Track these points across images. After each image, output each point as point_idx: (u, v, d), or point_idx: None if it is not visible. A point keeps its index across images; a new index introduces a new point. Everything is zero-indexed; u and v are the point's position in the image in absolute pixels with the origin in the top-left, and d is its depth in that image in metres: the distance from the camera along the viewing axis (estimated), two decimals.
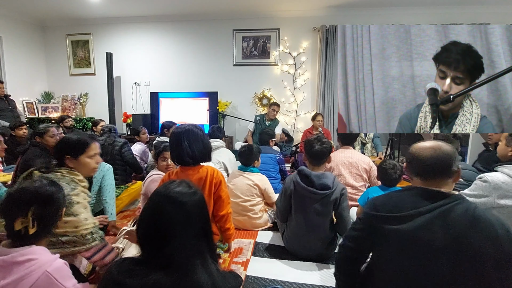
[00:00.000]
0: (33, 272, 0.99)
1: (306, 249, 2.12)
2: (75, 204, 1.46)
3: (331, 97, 5.17)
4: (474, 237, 1.00)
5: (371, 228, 1.18)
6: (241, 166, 2.78)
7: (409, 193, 1.16)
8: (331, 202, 1.99)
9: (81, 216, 1.46)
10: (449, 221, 1.03)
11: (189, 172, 1.84)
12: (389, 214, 1.13)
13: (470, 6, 4.71)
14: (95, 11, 5.30)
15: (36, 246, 1.07)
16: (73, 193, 1.48)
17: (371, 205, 1.21)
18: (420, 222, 1.06)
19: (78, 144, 1.62)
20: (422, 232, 1.05)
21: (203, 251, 0.93)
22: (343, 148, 2.97)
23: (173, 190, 0.96)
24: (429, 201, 1.09)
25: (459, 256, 1.00)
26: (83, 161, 1.62)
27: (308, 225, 2.06)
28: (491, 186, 1.74)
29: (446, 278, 1.02)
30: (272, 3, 4.90)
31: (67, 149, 1.60)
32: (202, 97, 5.36)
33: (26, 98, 5.58)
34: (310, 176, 2.01)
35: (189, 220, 0.93)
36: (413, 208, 1.09)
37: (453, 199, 1.08)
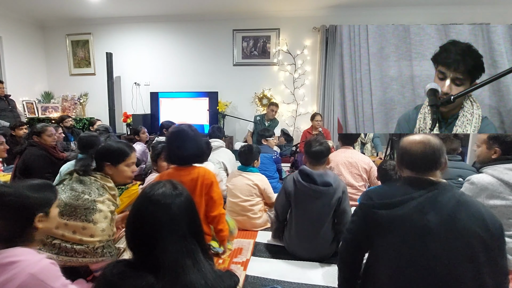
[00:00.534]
0: (16, 274, 0.95)
1: (307, 250, 2.12)
2: (98, 212, 1.49)
3: (331, 97, 5.15)
4: (462, 217, 1.07)
5: (366, 217, 1.24)
6: (240, 166, 2.78)
7: (400, 183, 1.25)
8: (334, 200, 2.03)
9: (99, 225, 1.48)
10: (439, 204, 1.10)
11: (182, 172, 1.83)
12: (381, 201, 1.20)
13: (470, 6, 4.67)
14: (95, 11, 5.29)
15: (20, 248, 1.04)
16: (99, 200, 1.52)
17: (365, 196, 1.30)
18: (412, 206, 1.12)
19: (119, 152, 1.68)
20: (414, 215, 1.11)
21: (193, 252, 0.91)
22: (343, 148, 2.97)
23: (157, 192, 0.94)
24: (420, 188, 1.16)
25: (451, 236, 1.06)
26: (121, 169, 1.67)
27: (310, 224, 2.08)
28: (478, 187, 1.77)
29: (441, 258, 1.06)
30: (272, 3, 4.88)
31: (108, 157, 1.66)
32: (202, 97, 5.35)
33: (26, 98, 5.58)
34: (311, 174, 2.04)
35: (174, 222, 0.91)
36: (405, 195, 1.16)
37: (442, 186, 1.15)
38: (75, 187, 1.53)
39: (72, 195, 1.49)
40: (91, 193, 1.51)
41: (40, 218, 1.12)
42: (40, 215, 1.12)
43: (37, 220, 1.11)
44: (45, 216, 1.14)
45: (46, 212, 1.15)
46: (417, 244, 1.09)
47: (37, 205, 1.12)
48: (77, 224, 1.45)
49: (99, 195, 1.53)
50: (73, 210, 1.46)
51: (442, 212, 1.08)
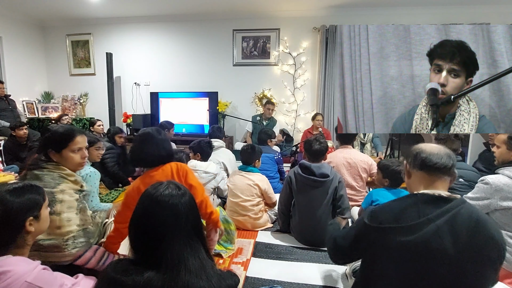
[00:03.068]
0: (11, 284, 0.93)
1: (309, 234, 2.36)
2: (58, 202, 1.40)
3: (331, 97, 5.15)
4: (480, 242, 1.01)
5: (369, 237, 1.15)
6: (241, 166, 2.78)
7: (410, 201, 1.13)
8: (331, 189, 2.28)
9: (64, 215, 1.40)
10: (457, 226, 1.02)
11: (154, 173, 1.77)
12: (394, 225, 1.08)
13: (470, 6, 4.67)
14: (95, 11, 5.29)
15: (12, 257, 1.01)
16: (57, 190, 1.42)
17: (371, 217, 1.16)
18: (430, 230, 1.02)
19: (61, 137, 1.52)
20: (432, 239, 1.01)
21: (197, 250, 0.93)
22: (342, 148, 2.97)
23: (163, 192, 0.95)
24: (434, 207, 1.07)
25: (466, 260, 1.01)
26: (66, 155, 1.52)
27: (311, 210, 2.32)
28: (492, 188, 1.75)
29: (451, 281, 1.02)
30: (272, 3, 4.88)
31: (49, 143, 1.52)
32: (202, 97, 5.35)
33: (26, 98, 5.57)
34: (310, 167, 2.30)
35: (179, 221, 0.93)
36: (421, 217, 1.05)
37: (457, 203, 1.06)
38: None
39: None
40: (47, 185, 1.40)
41: (31, 221, 1.09)
42: (30, 219, 1.08)
43: (28, 224, 1.07)
44: (36, 219, 1.11)
45: (36, 215, 1.11)
46: (430, 266, 1.03)
47: (24, 209, 1.07)
48: None
49: (55, 184, 1.43)
50: None
51: (460, 236, 1.01)
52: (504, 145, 1.88)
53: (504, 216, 1.77)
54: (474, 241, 1.01)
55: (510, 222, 1.76)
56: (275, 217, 2.88)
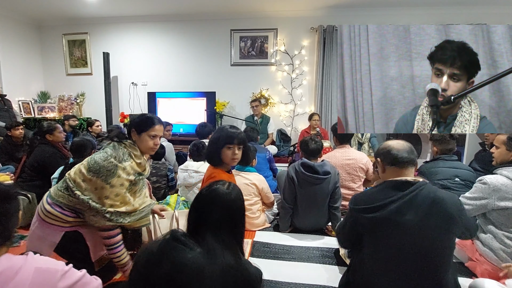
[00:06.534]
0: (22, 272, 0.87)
1: (311, 224, 2.61)
2: (116, 177, 1.58)
3: (329, 97, 5.16)
4: (434, 215, 1.28)
5: (354, 220, 1.45)
6: (238, 166, 2.78)
7: (381, 187, 1.43)
8: (332, 185, 2.49)
9: (114, 190, 1.58)
10: (416, 204, 1.30)
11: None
12: (365, 206, 1.39)
13: (470, 6, 4.69)
14: (92, 10, 5.25)
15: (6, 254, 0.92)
16: (121, 166, 1.61)
17: (353, 201, 1.50)
18: (393, 209, 1.31)
19: (145, 121, 1.74)
20: (394, 216, 1.31)
21: (236, 243, 1.09)
22: (339, 148, 2.97)
23: (221, 191, 1.12)
24: (399, 191, 1.34)
25: (426, 231, 1.29)
26: (143, 138, 1.73)
27: (312, 203, 2.51)
28: (490, 188, 1.77)
29: (422, 246, 1.29)
30: (269, 3, 4.87)
31: (134, 124, 1.76)
32: (199, 97, 5.33)
33: (22, 98, 5.53)
34: (314, 166, 2.45)
35: (230, 215, 1.09)
36: (386, 199, 1.34)
37: (418, 186, 1.33)
38: (107, 150, 1.66)
39: (102, 155, 1.62)
40: (116, 157, 1.62)
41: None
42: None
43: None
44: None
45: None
46: (400, 237, 1.31)
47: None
48: (98, 182, 1.56)
49: (122, 160, 1.63)
50: (98, 169, 1.57)
51: (419, 211, 1.29)
52: (504, 146, 1.89)
53: (501, 216, 1.79)
54: (431, 214, 1.28)
55: (507, 222, 1.77)
56: (273, 217, 2.89)
